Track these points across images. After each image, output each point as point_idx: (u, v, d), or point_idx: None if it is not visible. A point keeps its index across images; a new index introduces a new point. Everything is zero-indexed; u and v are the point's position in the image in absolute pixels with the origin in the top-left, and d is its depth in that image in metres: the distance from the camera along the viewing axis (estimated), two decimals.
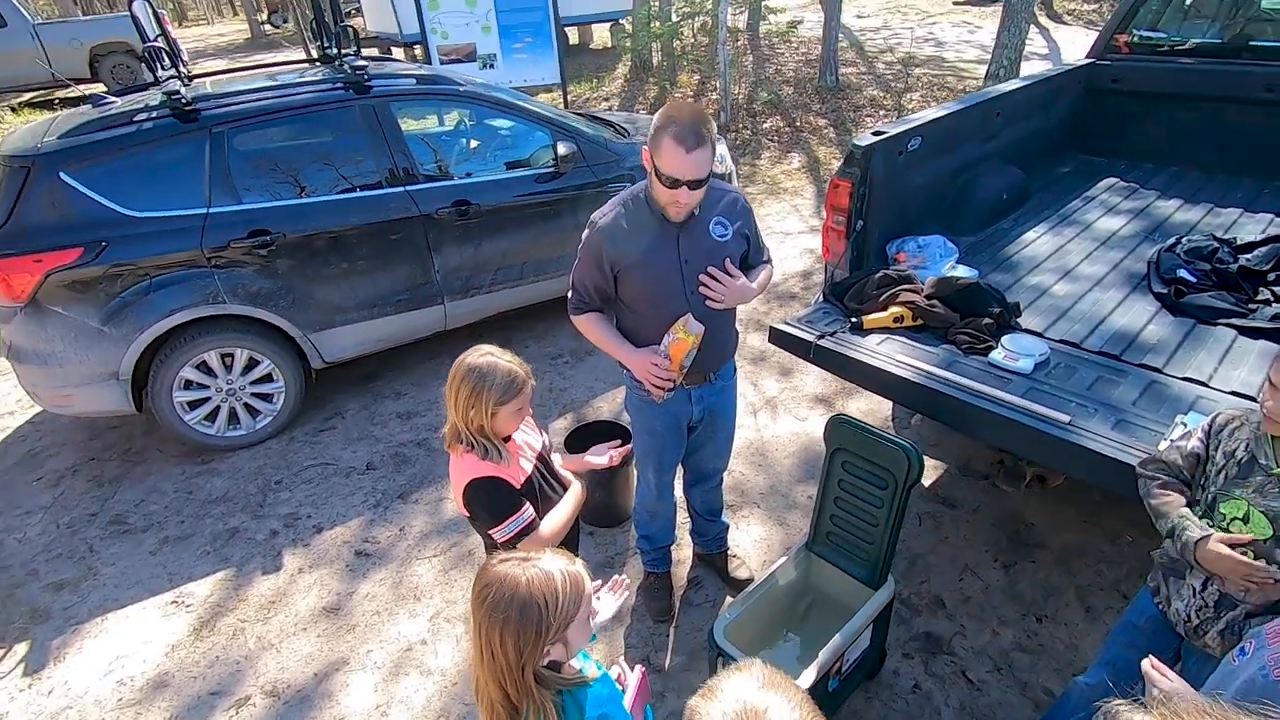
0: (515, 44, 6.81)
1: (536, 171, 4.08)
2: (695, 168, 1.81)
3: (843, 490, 2.19)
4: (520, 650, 1.10)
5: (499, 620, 1.10)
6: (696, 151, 1.79)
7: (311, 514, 3.26)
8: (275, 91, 3.53)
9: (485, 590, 1.14)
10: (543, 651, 1.13)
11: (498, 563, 1.17)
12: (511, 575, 1.13)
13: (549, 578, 1.13)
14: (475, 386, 1.63)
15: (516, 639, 1.10)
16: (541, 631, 1.11)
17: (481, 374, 1.63)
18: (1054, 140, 3.98)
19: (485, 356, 1.66)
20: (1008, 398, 2.02)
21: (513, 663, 1.11)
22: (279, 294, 3.52)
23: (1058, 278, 2.80)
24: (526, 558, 1.17)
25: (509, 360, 1.67)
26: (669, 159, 1.80)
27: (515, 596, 1.11)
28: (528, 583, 1.12)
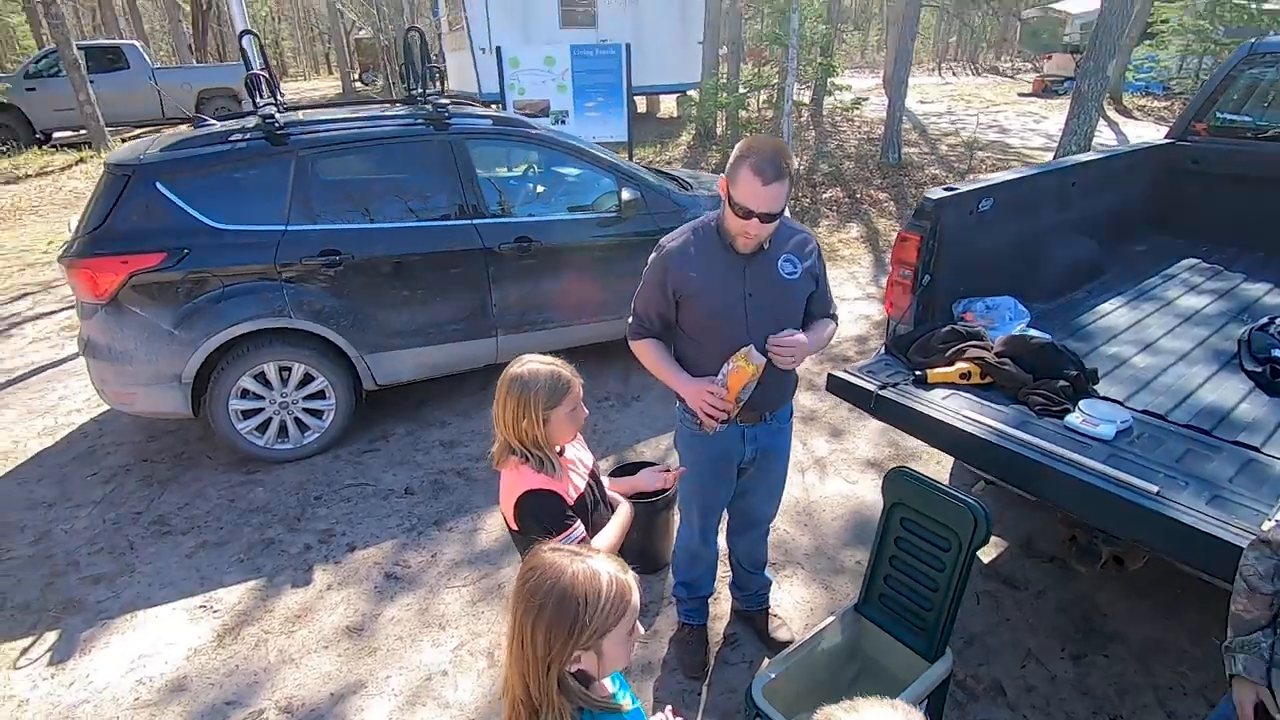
0: (587, 103, 7.11)
1: (599, 215, 4.16)
2: (770, 200, 1.80)
3: (900, 549, 2.06)
4: (549, 644, 1.04)
5: (534, 608, 1.05)
6: (774, 185, 1.78)
7: (346, 532, 3.23)
8: (360, 122, 3.72)
9: (529, 574, 1.08)
10: (572, 654, 1.05)
11: (548, 549, 1.11)
12: (557, 564, 1.07)
13: (594, 576, 1.07)
14: (521, 395, 1.60)
15: (547, 632, 1.04)
16: (575, 630, 1.04)
17: (524, 382, 1.60)
18: (1130, 217, 3.87)
19: (526, 365, 1.63)
20: (1088, 462, 1.88)
21: (539, 657, 1.04)
22: (341, 313, 3.61)
23: (1138, 349, 2.66)
24: (578, 552, 1.12)
25: (549, 363, 1.65)
26: (744, 188, 1.80)
27: (556, 587, 1.05)
28: (572, 576, 1.06)
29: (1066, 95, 16.69)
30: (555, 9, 11.57)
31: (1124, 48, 14.52)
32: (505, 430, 1.63)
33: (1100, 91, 8.02)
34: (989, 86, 21.46)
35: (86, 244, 3.25)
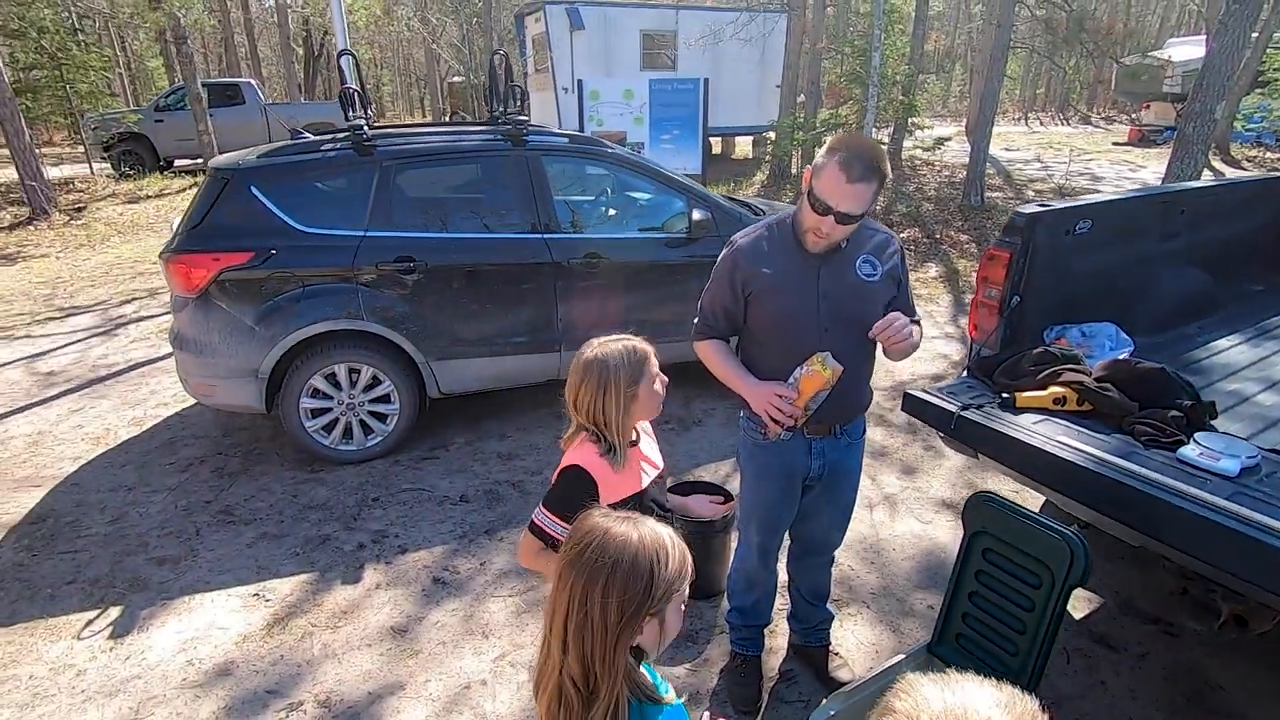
0: (663, 135, 7.22)
1: (669, 236, 4.13)
2: (852, 200, 1.70)
3: (981, 584, 1.86)
4: (623, 610, 0.96)
5: (603, 572, 0.97)
6: (859, 184, 1.69)
7: (399, 534, 3.22)
8: (442, 137, 3.85)
9: (587, 539, 1.01)
10: (643, 620, 0.99)
11: (599, 515, 1.04)
12: (620, 530, 1.01)
13: (660, 538, 1.02)
14: (602, 377, 1.55)
15: (622, 595, 0.96)
16: (651, 592, 0.98)
17: (604, 363, 1.55)
18: (1248, 253, 3.55)
19: (599, 347, 1.58)
20: (1210, 498, 1.65)
21: (611, 626, 0.96)
22: (411, 319, 3.68)
23: (1263, 387, 2.38)
24: (628, 515, 1.04)
25: (620, 339, 1.59)
26: (827, 182, 1.71)
27: (627, 548, 0.99)
28: (640, 539, 1.00)
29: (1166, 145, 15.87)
30: (637, 51, 11.91)
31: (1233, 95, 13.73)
32: (583, 416, 1.58)
33: (1206, 135, 7.55)
34: (1080, 136, 20.69)
35: (184, 240, 3.44)
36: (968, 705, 0.57)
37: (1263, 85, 14.62)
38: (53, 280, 7.40)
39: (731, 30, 10.56)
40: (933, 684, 0.60)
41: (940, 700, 0.57)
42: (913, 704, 0.58)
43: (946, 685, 0.60)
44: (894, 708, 0.59)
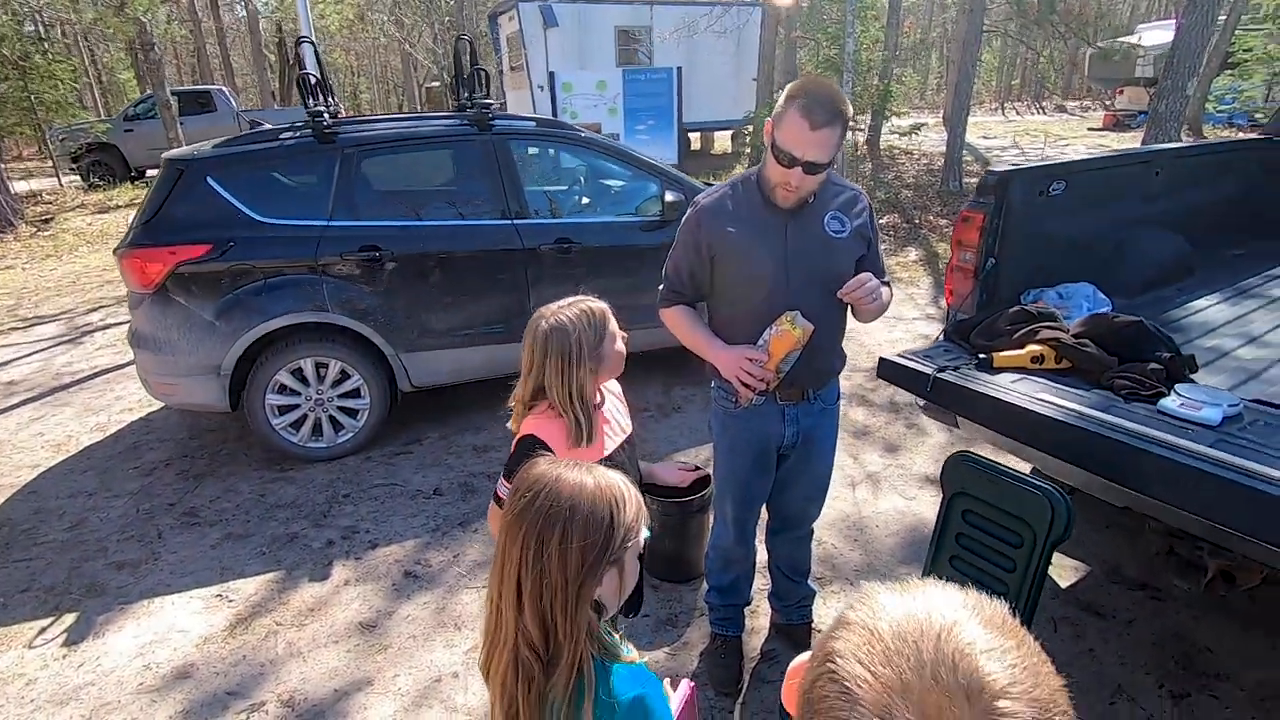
0: (638, 125, 7.14)
1: (643, 219, 4.06)
2: (817, 147, 1.63)
3: (962, 547, 1.80)
4: (584, 558, 0.90)
5: (560, 518, 0.90)
6: (823, 130, 1.61)
7: (370, 529, 3.12)
8: (406, 123, 3.75)
9: (537, 487, 0.93)
10: (604, 569, 0.92)
11: (546, 463, 0.97)
12: (572, 476, 0.94)
13: (613, 481, 0.96)
14: (563, 346, 1.46)
15: (583, 541, 0.90)
16: (612, 536, 0.92)
17: (563, 330, 1.47)
18: (1224, 219, 3.52)
19: (553, 315, 1.49)
20: (1195, 447, 1.59)
21: (572, 577, 0.90)
22: (379, 310, 3.58)
23: (1242, 342, 2.34)
24: (578, 463, 0.98)
25: (572, 302, 1.51)
26: (790, 132, 1.63)
27: (583, 491, 0.92)
28: (595, 482, 0.94)
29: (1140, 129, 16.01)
30: (612, 47, 11.84)
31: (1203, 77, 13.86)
32: (556, 388, 1.48)
33: (1179, 112, 7.58)
34: (1056, 124, 20.84)
35: (138, 234, 3.33)
36: (930, 609, 0.49)
37: (1232, 67, 14.78)
38: (17, 291, 7.22)
39: (706, 23, 10.53)
40: (890, 592, 0.53)
41: (899, 606, 0.50)
42: (869, 612, 0.50)
43: (905, 591, 0.53)
44: (849, 619, 0.51)
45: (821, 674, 0.48)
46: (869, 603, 0.52)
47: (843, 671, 0.46)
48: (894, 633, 0.47)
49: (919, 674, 0.44)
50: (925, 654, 0.45)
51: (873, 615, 0.49)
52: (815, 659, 0.50)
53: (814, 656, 0.52)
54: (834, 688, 0.46)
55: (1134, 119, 16.82)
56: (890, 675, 0.44)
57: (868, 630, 0.48)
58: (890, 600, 0.51)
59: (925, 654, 0.45)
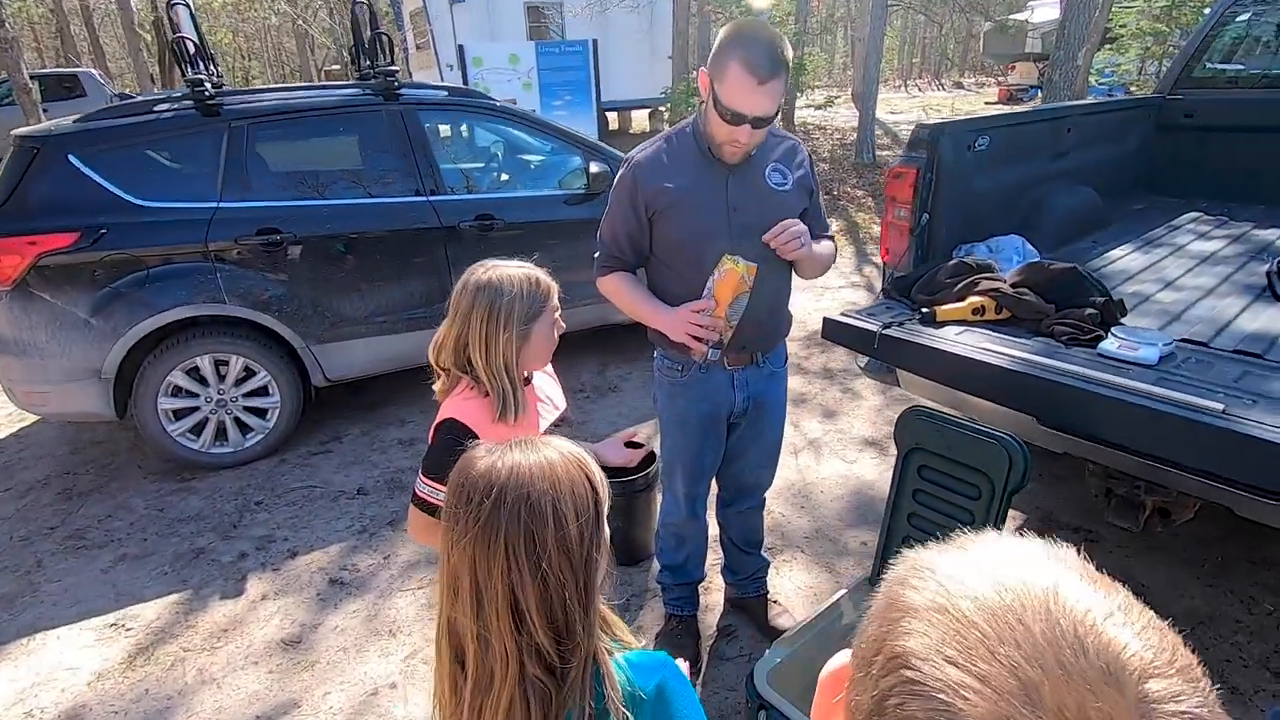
0: (555, 101, 6.90)
1: (567, 192, 3.88)
2: (765, 102, 1.52)
3: (919, 503, 1.76)
4: (583, 538, 0.78)
5: (545, 512, 0.76)
6: (770, 83, 1.50)
7: (288, 537, 2.86)
8: (302, 93, 3.44)
9: (494, 485, 0.78)
10: (604, 539, 0.82)
11: (484, 454, 0.82)
12: (529, 459, 0.80)
13: (568, 445, 0.84)
14: (493, 307, 1.28)
15: (579, 521, 0.77)
16: (600, 503, 0.81)
17: (497, 290, 1.29)
18: (1125, 175, 3.67)
19: (494, 270, 1.32)
20: (1139, 385, 1.60)
21: (577, 565, 0.77)
22: (285, 299, 3.27)
23: (1160, 287, 2.41)
24: (520, 441, 0.83)
25: (521, 265, 1.35)
26: (735, 89, 1.51)
27: (554, 472, 0.79)
28: (558, 454, 0.81)
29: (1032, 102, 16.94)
30: (522, 23, 11.44)
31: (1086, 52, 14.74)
32: (458, 351, 1.32)
33: (1072, 80, 8.00)
34: (956, 99, 21.77)
35: None
36: (1019, 571, 0.36)
37: (1111, 42, 15.80)
38: None
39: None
40: (944, 555, 0.39)
41: (974, 573, 0.36)
42: (938, 589, 0.36)
43: (961, 550, 0.39)
44: (911, 604, 0.37)
45: (896, 688, 0.34)
46: (928, 575, 0.38)
47: (931, 680, 0.33)
48: (986, 613, 0.34)
49: (1040, 665, 0.32)
50: (1040, 635, 0.33)
51: (945, 593, 0.36)
52: (874, 666, 0.37)
53: (865, 661, 0.38)
54: (921, 704, 0.33)
55: (1026, 93, 17.75)
56: (1002, 674, 0.32)
57: (948, 615, 0.35)
58: (955, 567, 0.38)
59: (1040, 635, 0.33)
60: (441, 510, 1.27)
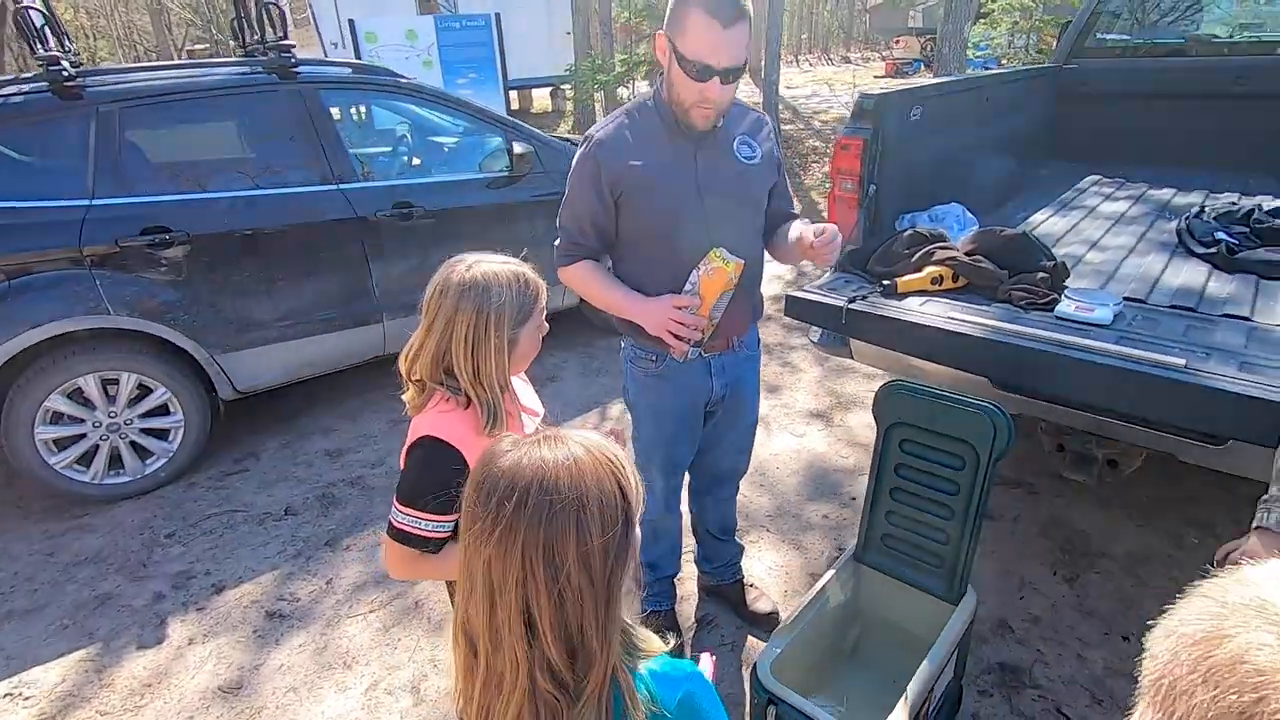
0: (459, 79, 6.54)
1: (489, 175, 3.67)
2: (732, 48, 1.41)
3: (902, 478, 1.75)
4: (608, 552, 0.70)
5: (569, 518, 0.69)
6: (736, 27, 1.39)
7: (211, 570, 2.57)
8: (183, 72, 3.05)
9: (518, 483, 0.70)
10: (631, 553, 0.74)
11: (509, 446, 0.74)
12: (556, 454, 0.72)
13: (599, 441, 0.76)
14: (481, 310, 1.13)
15: (605, 535, 0.70)
16: (630, 513, 0.73)
17: (485, 290, 1.13)
18: (1031, 142, 3.86)
19: (479, 267, 1.16)
20: (1108, 346, 1.64)
21: (598, 581, 0.70)
22: (180, 306, 2.92)
23: (1087, 249, 2.53)
24: (550, 435, 0.75)
25: (506, 261, 1.20)
26: (697, 37, 1.39)
27: (582, 472, 0.71)
28: (587, 452, 0.73)
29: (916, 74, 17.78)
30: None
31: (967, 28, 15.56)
32: (439, 361, 1.16)
33: (960, 53, 8.39)
34: (845, 73, 22.52)
35: None
36: None
37: (984, 17, 16.75)
38: None
39: None
40: (1260, 599, 0.34)
41: None
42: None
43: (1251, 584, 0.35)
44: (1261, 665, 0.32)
45: None
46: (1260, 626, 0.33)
47: None
48: None
49: None
50: None
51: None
52: None
53: None
54: None
55: (910, 65, 18.61)
56: None
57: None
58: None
59: None
60: (420, 538, 1.15)
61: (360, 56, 6.39)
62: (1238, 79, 3.53)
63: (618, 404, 3.58)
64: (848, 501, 2.78)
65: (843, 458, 3.08)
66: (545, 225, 1.69)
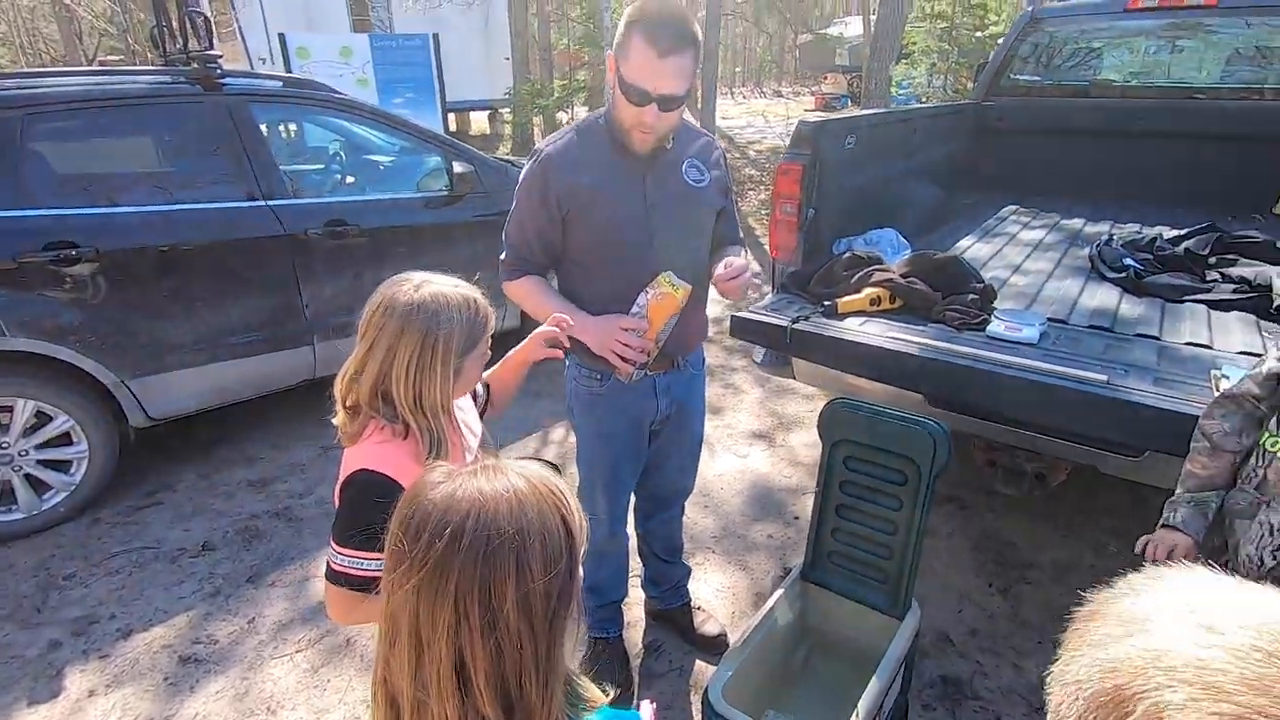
0: (395, 99, 6.43)
1: (428, 195, 3.60)
2: (670, 77, 1.42)
3: (847, 495, 1.77)
4: (551, 594, 0.65)
5: (508, 557, 0.63)
6: (673, 57, 1.41)
7: (116, 614, 2.36)
8: (97, 79, 2.87)
9: (451, 517, 0.64)
10: (576, 597, 0.69)
11: (441, 477, 0.69)
12: (495, 486, 0.67)
13: (541, 473, 0.71)
14: (428, 335, 1.07)
15: (548, 575, 0.64)
16: (574, 551, 0.68)
17: (433, 315, 1.07)
18: (956, 172, 4.07)
19: (427, 287, 1.11)
20: (1036, 364, 1.72)
21: (539, 628, 0.64)
22: (87, 327, 2.71)
23: (1010, 273, 2.67)
24: (487, 466, 0.70)
25: (456, 284, 1.15)
26: (637, 64, 1.41)
27: (523, 505, 0.66)
28: (529, 484, 0.68)
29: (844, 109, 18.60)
30: (345, 14, 10.56)
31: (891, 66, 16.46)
32: (403, 393, 1.09)
33: (885, 90, 8.83)
34: (777, 105, 23.36)
35: None
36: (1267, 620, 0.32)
37: (906, 57, 17.75)
38: None
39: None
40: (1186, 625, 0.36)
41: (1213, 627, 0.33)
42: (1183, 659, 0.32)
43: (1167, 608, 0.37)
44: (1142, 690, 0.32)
45: None
46: (1165, 639, 0.34)
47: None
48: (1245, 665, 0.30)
49: None
50: None
51: (1196, 659, 0.31)
52: None
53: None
54: None
55: (838, 100, 19.44)
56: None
57: (1207, 686, 0.31)
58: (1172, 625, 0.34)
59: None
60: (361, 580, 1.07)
61: (291, 72, 6.19)
62: (1135, 119, 3.83)
63: (560, 426, 3.52)
64: (791, 521, 2.81)
65: (786, 477, 3.12)
66: (486, 245, 1.64)
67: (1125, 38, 4.05)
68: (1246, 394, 1.37)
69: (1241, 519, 1.33)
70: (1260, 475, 1.28)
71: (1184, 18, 3.81)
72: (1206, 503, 1.38)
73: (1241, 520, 1.33)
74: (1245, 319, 2.14)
